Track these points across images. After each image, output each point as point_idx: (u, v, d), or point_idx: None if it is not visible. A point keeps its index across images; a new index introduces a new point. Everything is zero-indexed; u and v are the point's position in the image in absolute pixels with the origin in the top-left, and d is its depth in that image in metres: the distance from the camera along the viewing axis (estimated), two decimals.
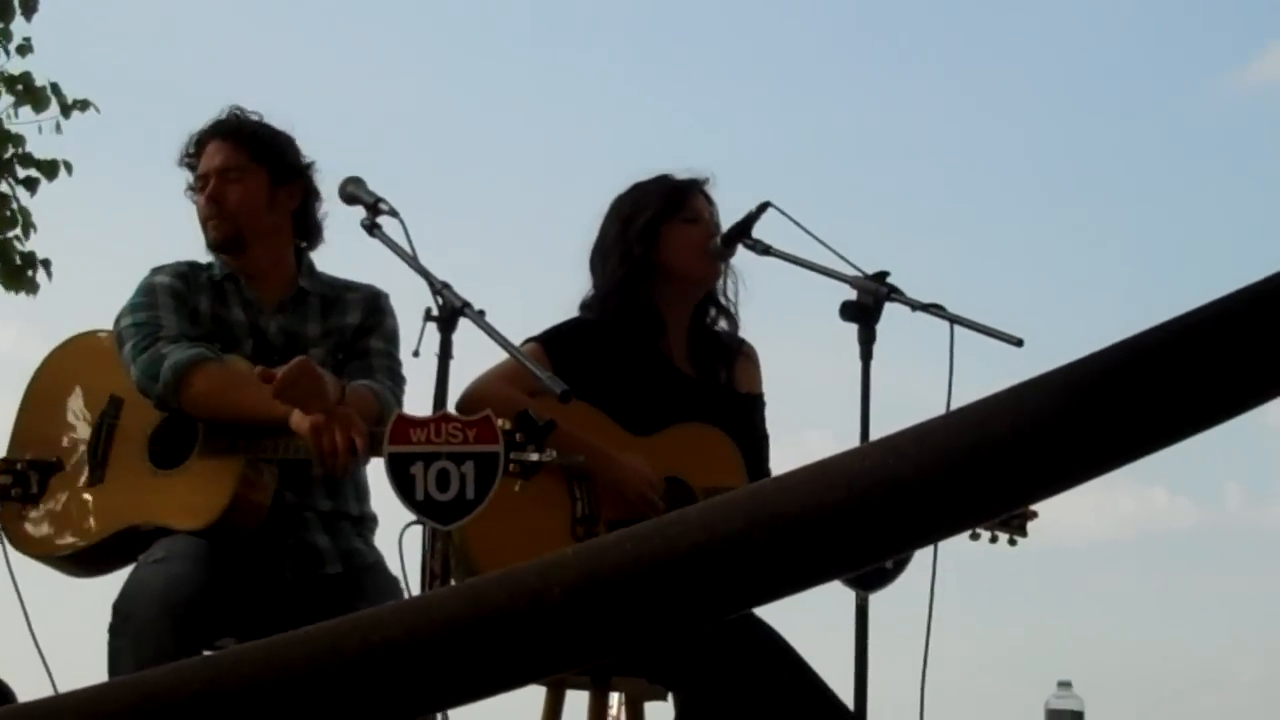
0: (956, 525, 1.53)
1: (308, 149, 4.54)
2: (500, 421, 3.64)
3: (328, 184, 4.47)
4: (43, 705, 1.65)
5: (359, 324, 4.44)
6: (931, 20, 13.93)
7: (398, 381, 4.38)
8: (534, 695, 4.50)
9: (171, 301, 4.33)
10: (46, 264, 9.92)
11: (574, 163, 13.25)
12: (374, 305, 4.48)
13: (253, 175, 4.41)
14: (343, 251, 4.59)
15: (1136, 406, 1.43)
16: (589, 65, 14.09)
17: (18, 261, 9.86)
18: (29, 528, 4.30)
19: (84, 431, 4.36)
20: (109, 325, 4.40)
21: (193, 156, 4.47)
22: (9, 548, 4.28)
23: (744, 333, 4.71)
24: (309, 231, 4.54)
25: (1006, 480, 1.47)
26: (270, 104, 4.52)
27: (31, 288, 9.87)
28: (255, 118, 4.51)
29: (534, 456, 3.77)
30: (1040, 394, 1.47)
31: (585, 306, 4.61)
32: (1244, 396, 1.44)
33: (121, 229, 12.30)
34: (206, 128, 4.48)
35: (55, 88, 9.83)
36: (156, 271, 4.43)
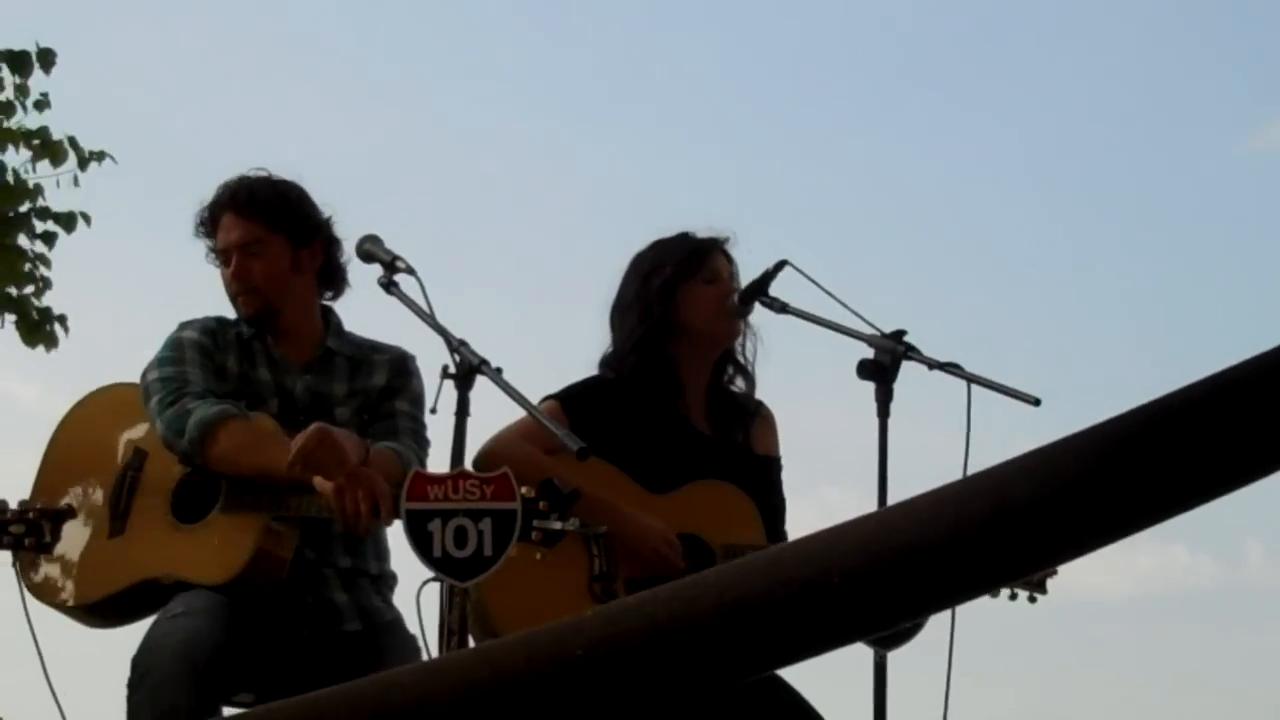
0: (976, 589, 1.54)
1: (320, 196, 4.53)
2: (524, 489, 3.64)
3: (346, 228, 4.50)
4: None
5: (385, 385, 4.44)
6: (948, 78, 13.97)
7: (422, 444, 4.38)
8: None
9: (199, 357, 4.34)
10: (63, 319, 9.92)
11: (594, 217, 13.28)
12: (401, 367, 4.49)
13: (273, 245, 4.40)
14: (361, 307, 4.60)
15: (1158, 471, 1.44)
16: (612, 118, 14.13)
17: (35, 317, 9.87)
18: (48, 577, 4.31)
19: (106, 482, 4.37)
20: (132, 378, 4.41)
21: (207, 227, 4.47)
22: (29, 597, 4.28)
23: (761, 390, 4.72)
24: (334, 282, 4.55)
25: (1025, 545, 1.47)
26: (290, 157, 4.51)
27: (50, 343, 9.88)
28: (263, 176, 4.48)
29: (557, 525, 3.77)
30: (1059, 458, 1.47)
31: (604, 364, 4.62)
32: (1267, 461, 1.44)
33: (142, 281, 12.33)
34: (218, 200, 4.45)
35: (73, 141, 9.85)
36: (184, 326, 4.44)
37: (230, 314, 4.49)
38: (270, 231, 4.40)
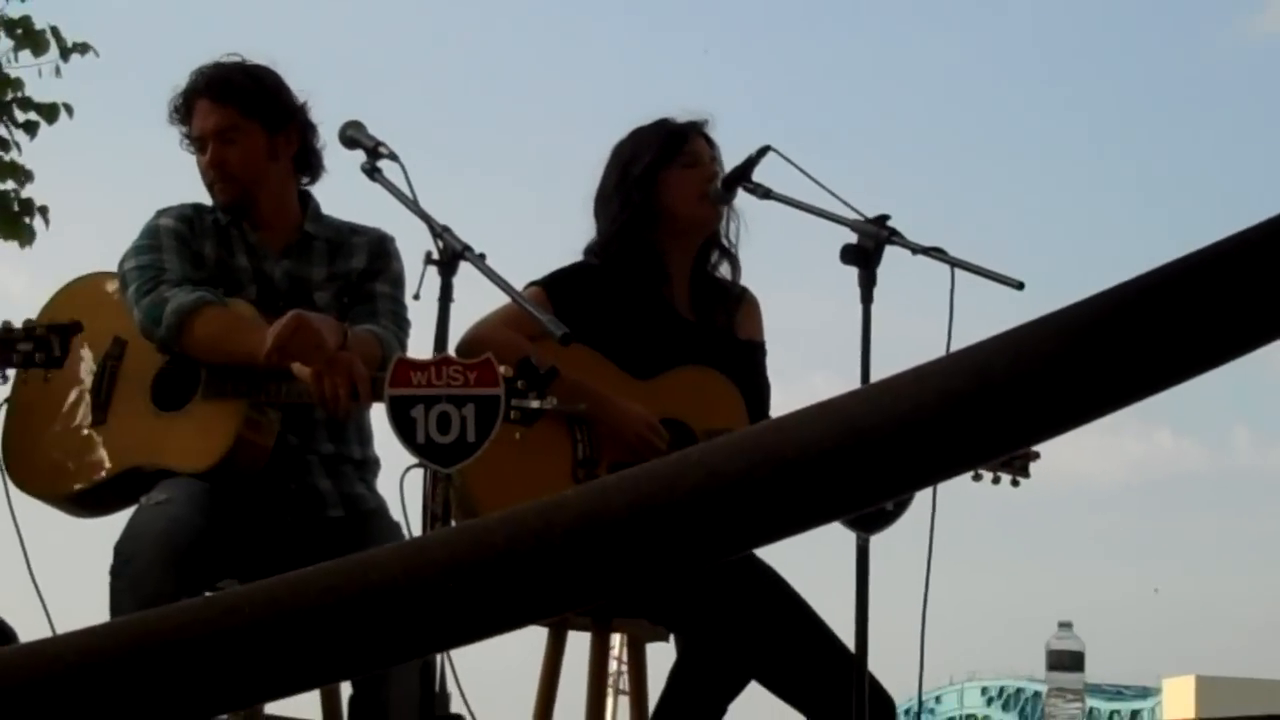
0: (957, 466, 1.53)
1: (295, 81, 4.50)
2: (502, 368, 3.64)
3: (322, 115, 4.48)
4: (45, 646, 1.65)
5: (364, 268, 4.43)
6: None
7: (402, 325, 4.37)
8: (536, 637, 4.52)
9: (175, 244, 4.33)
10: (44, 211, 9.83)
11: (581, 107, 13.25)
12: (380, 249, 4.47)
13: (248, 132, 4.37)
14: (345, 194, 4.58)
15: (1136, 347, 1.43)
16: (596, 9, 14.06)
17: (15, 209, 9.77)
18: (31, 467, 4.31)
19: (87, 372, 4.36)
20: (114, 268, 4.39)
21: (182, 114, 4.44)
22: (11, 487, 4.28)
23: (745, 276, 4.72)
24: (310, 167, 4.53)
25: (1006, 421, 1.46)
26: (272, 47, 4.47)
27: (29, 236, 9.78)
28: (236, 61, 4.45)
29: (535, 404, 3.77)
30: (1040, 335, 1.46)
31: (589, 252, 4.62)
32: (1245, 338, 1.44)
33: (124, 171, 12.29)
34: (192, 86, 4.41)
35: (55, 31, 9.76)
36: (161, 214, 4.42)
37: (207, 200, 4.46)
38: (245, 118, 4.36)
